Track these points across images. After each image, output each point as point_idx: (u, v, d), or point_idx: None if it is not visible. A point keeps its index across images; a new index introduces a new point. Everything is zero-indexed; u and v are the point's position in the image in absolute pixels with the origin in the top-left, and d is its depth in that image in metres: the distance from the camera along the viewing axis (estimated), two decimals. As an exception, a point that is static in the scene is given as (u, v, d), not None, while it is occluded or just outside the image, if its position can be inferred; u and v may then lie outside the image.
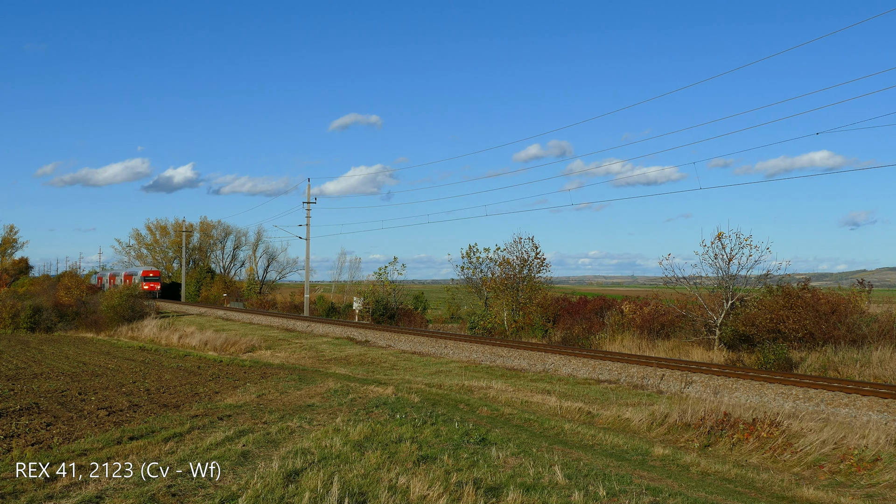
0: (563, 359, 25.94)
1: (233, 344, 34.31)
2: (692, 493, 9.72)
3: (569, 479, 9.16)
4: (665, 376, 21.91)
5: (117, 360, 26.79)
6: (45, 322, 45.52)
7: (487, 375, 23.52)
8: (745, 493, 10.73)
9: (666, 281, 32.51)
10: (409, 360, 28.31)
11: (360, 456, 10.03)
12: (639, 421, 15.67)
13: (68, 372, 22.92)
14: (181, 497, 8.29)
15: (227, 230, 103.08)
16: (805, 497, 10.71)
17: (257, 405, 15.85)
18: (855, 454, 12.33)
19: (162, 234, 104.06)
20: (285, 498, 8.11)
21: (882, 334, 25.09)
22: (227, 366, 25.14)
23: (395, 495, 8.16)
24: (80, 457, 10.79)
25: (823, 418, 15.51)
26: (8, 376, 21.80)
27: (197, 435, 12.16)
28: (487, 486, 8.70)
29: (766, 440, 13.41)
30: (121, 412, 15.16)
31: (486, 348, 29.53)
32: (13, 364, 25.47)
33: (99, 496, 8.36)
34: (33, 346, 33.91)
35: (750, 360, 25.09)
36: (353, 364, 27.90)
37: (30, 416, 14.69)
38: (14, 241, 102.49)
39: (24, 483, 9.22)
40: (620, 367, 23.84)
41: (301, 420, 13.23)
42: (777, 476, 11.83)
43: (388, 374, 24.51)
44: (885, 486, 11.24)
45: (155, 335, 39.35)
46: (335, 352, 31.55)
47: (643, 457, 12.68)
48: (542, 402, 18.25)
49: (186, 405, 15.95)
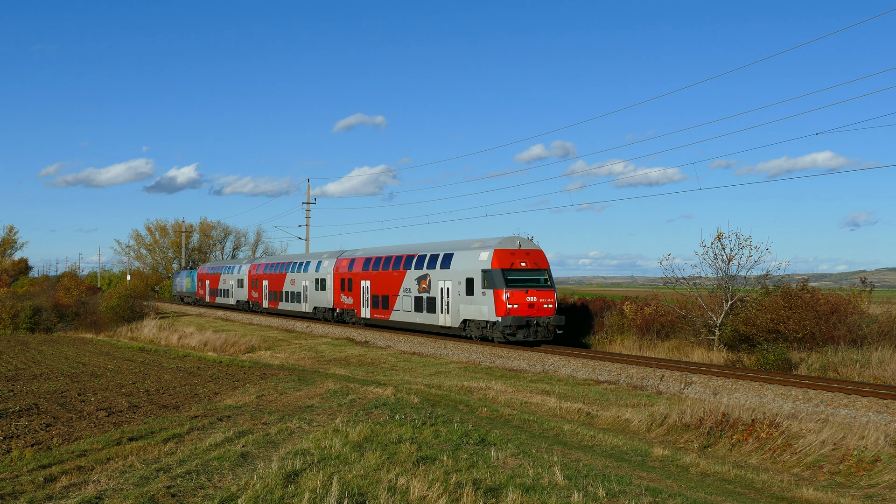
0: (563, 360, 25.94)
1: (232, 344, 34.31)
2: (692, 493, 9.73)
3: (568, 480, 9.16)
4: (665, 377, 21.91)
5: (117, 361, 26.78)
6: (44, 323, 45.48)
7: (487, 376, 23.52)
8: (744, 493, 10.73)
9: (665, 281, 32.50)
10: (408, 361, 28.31)
11: (360, 457, 10.03)
12: (638, 422, 15.67)
13: (68, 373, 22.92)
14: (181, 497, 8.29)
15: (227, 231, 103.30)
16: (805, 498, 10.71)
17: (257, 406, 15.85)
18: (854, 455, 12.33)
19: (161, 234, 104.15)
20: (285, 498, 8.12)
21: (882, 335, 25.07)
22: (226, 366, 25.14)
23: (395, 496, 8.16)
24: (80, 458, 10.79)
25: (823, 419, 15.51)
26: (7, 377, 21.80)
27: (196, 436, 12.16)
28: (487, 486, 8.70)
29: (766, 441, 13.41)
30: (120, 413, 15.16)
31: (486, 349, 29.54)
32: (13, 365, 25.47)
33: (98, 497, 8.36)
34: (33, 346, 33.90)
35: (750, 361, 25.07)
36: (352, 365, 27.90)
37: (29, 417, 14.69)
38: (14, 242, 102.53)
39: (23, 484, 9.23)
40: (620, 367, 23.84)
41: (300, 421, 13.23)
42: (776, 477, 11.83)
43: (387, 375, 24.50)
44: (885, 487, 11.24)
45: (154, 336, 39.33)
46: (335, 352, 31.55)
47: (643, 457, 12.68)
48: (542, 403, 18.25)
49: (186, 406, 15.95)
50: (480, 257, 30.23)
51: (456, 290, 31.64)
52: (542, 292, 29.49)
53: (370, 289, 39.27)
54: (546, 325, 29.14)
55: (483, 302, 29.85)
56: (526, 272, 29.77)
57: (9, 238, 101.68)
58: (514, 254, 29.97)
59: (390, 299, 37.16)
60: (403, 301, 35.84)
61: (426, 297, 33.77)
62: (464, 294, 30.95)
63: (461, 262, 31.57)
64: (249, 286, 58.53)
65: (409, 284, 35.29)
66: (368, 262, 39.89)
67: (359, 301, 40.73)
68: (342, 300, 42.97)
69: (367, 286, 39.68)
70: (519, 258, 29.93)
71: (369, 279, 39.45)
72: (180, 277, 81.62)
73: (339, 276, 43.29)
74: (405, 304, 35.74)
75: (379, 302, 38.30)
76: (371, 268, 39.18)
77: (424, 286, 33.92)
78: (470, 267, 30.80)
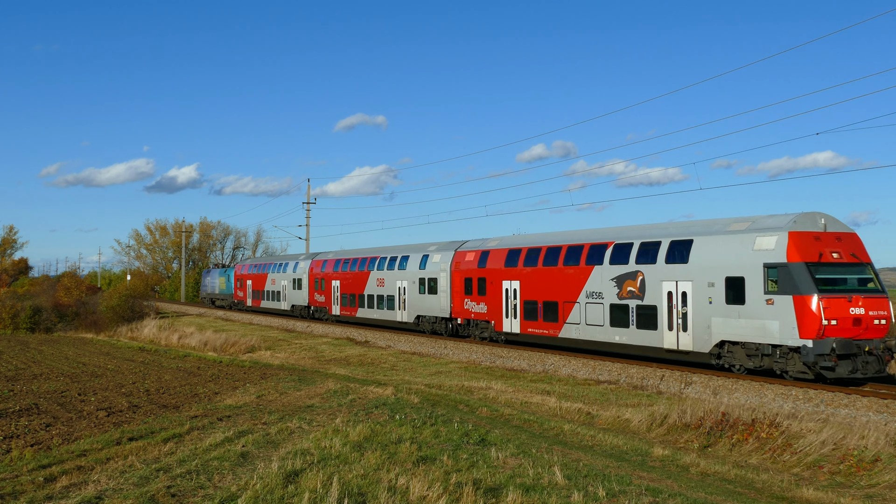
0: (563, 359, 25.95)
1: (232, 344, 34.31)
2: (692, 493, 9.72)
3: (568, 480, 9.16)
4: (665, 377, 21.91)
5: (117, 361, 26.79)
6: (44, 322, 45.53)
7: (487, 376, 23.52)
8: (744, 493, 10.73)
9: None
10: (408, 361, 28.31)
11: (360, 456, 10.02)
12: (638, 422, 15.67)
13: (68, 372, 22.92)
14: (181, 497, 8.28)
15: (227, 230, 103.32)
16: (805, 497, 10.71)
17: (257, 406, 15.85)
18: (855, 455, 12.33)
19: (161, 234, 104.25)
20: (285, 498, 8.11)
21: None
22: (226, 366, 25.14)
23: (395, 496, 8.16)
24: (80, 457, 10.80)
25: (823, 419, 15.51)
26: (7, 377, 21.80)
27: (196, 436, 12.16)
28: (487, 486, 8.70)
29: (766, 441, 13.41)
30: (120, 413, 15.17)
31: (486, 349, 29.54)
32: (13, 365, 25.47)
33: (98, 497, 8.36)
34: (33, 346, 33.91)
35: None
36: (352, 365, 27.90)
37: (29, 417, 14.70)
38: (14, 242, 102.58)
39: (23, 484, 9.23)
40: (620, 367, 23.84)
41: (301, 421, 13.23)
42: (777, 477, 11.83)
43: (387, 375, 24.51)
44: (885, 487, 11.24)
45: (154, 336, 39.34)
46: (335, 352, 31.55)
47: (643, 457, 12.68)
48: (542, 403, 18.25)
49: (186, 406, 15.95)
50: (759, 244, 20.20)
51: (703, 295, 21.36)
52: (872, 300, 19.38)
53: (521, 294, 28.50)
54: (880, 353, 18.90)
55: (768, 315, 19.69)
56: (843, 268, 19.78)
57: (9, 238, 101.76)
58: (820, 239, 19.91)
59: (559, 307, 26.67)
60: (591, 310, 25.29)
61: (636, 306, 23.42)
62: (722, 302, 20.83)
63: (712, 250, 21.46)
64: (311, 287, 47.62)
65: (601, 287, 24.75)
66: (531, 252, 28.40)
67: (499, 308, 30.01)
68: (469, 308, 31.89)
69: (519, 289, 28.61)
70: (828, 246, 19.87)
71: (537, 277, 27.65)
72: (211, 277, 70.58)
73: (466, 273, 32.15)
74: (592, 313, 25.22)
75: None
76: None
77: (632, 287, 23.54)
78: (730, 260, 20.83)
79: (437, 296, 34.29)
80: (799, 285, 19.05)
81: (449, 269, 33.43)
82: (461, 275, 32.51)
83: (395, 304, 37.64)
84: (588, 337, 25.45)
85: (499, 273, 29.96)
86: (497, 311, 30.05)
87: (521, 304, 28.57)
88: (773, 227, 20.27)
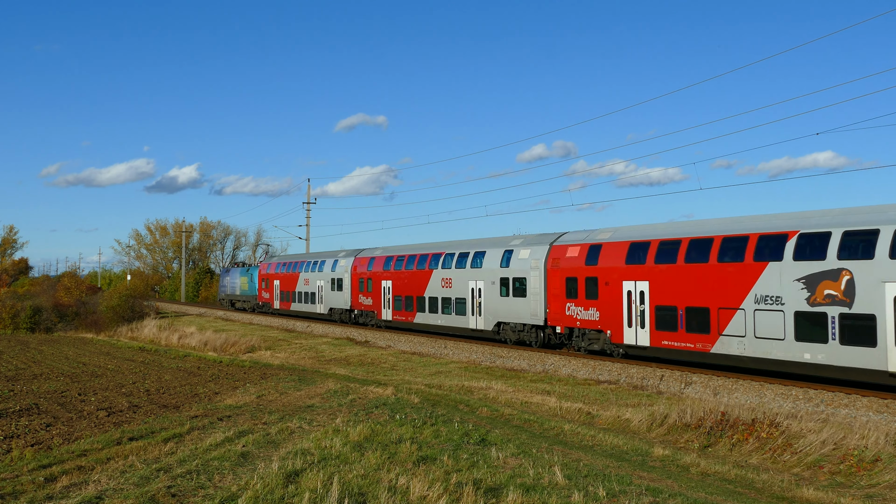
0: (563, 359, 25.96)
1: (232, 344, 34.32)
2: (692, 493, 9.72)
3: (568, 480, 9.16)
4: (665, 377, 21.92)
5: (117, 361, 26.79)
6: (44, 322, 45.57)
7: (487, 376, 23.52)
8: (744, 493, 10.73)
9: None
10: (408, 361, 28.31)
11: (360, 456, 10.03)
12: (638, 421, 15.67)
13: (68, 372, 22.93)
14: (181, 497, 8.28)
15: (227, 230, 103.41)
16: (805, 497, 10.71)
17: (257, 406, 15.86)
18: (855, 454, 12.33)
19: (162, 234, 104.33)
20: (285, 498, 8.12)
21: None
22: (226, 366, 25.15)
23: (395, 496, 8.16)
24: (80, 457, 10.80)
25: (823, 419, 15.51)
26: (8, 377, 21.81)
27: (197, 436, 12.16)
28: (487, 486, 8.70)
29: (766, 440, 13.41)
30: (120, 413, 15.17)
31: (486, 349, 29.55)
32: (13, 365, 25.48)
33: (99, 497, 8.36)
34: (33, 346, 33.92)
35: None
36: (352, 365, 27.91)
37: (30, 417, 14.70)
38: (14, 242, 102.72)
39: (24, 484, 9.23)
40: (620, 367, 23.84)
41: (301, 421, 13.23)
42: (777, 476, 11.83)
43: (387, 375, 24.51)
44: (885, 487, 11.23)
45: (155, 335, 39.35)
46: (335, 352, 31.56)
47: (643, 457, 12.68)
48: (542, 403, 18.26)
49: (186, 406, 15.96)
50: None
51: None
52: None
53: (650, 297, 23.17)
54: None
55: None
56: None
57: (9, 238, 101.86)
58: None
59: (711, 315, 21.24)
60: (762, 319, 19.78)
61: (840, 315, 17.97)
62: None
63: None
64: (355, 288, 42.14)
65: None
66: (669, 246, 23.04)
67: (617, 315, 24.65)
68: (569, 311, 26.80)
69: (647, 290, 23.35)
70: None
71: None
72: (231, 277, 65.45)
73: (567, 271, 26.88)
74: (764, 323, 19.76)
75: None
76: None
77: (832, 290, 18.06)
78: None
79: (525, 299, 28.78)
80: None
81: (542, 267, 27.95)
82: (561, 273, 26.97)
83: (467, 309, 31.82)
84: (759, 354, 19.95)
85: (617, 271, 24.56)
86: (614, 319, 24.71)
87: (650, 310, 23.27)
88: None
